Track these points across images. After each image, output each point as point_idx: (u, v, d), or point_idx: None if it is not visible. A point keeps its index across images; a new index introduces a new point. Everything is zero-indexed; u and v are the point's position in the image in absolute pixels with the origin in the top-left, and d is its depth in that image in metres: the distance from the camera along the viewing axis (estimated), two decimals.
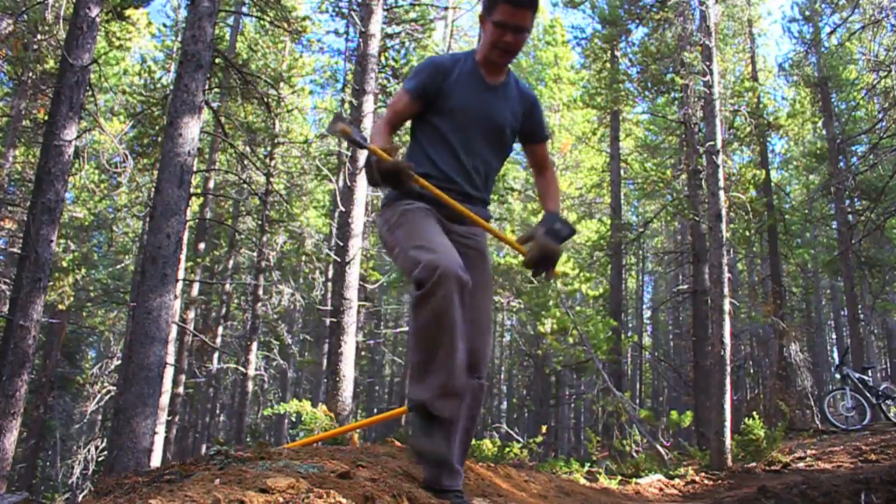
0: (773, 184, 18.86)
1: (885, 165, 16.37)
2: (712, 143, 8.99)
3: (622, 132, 18.01)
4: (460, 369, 2.28)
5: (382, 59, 15.47)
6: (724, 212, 8.95)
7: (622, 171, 17.23)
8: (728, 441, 7.89)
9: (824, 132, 18.86)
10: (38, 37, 10.81)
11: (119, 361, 17.15)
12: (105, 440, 17.03)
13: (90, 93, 8.90)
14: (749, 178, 14.12)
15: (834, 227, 21.36)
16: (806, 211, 23.46)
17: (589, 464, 8.20)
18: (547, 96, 24.12)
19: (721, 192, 8.87)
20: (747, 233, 14.95)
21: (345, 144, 16.91)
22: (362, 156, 10.62)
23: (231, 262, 21.54)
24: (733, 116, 14.65)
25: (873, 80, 14.09)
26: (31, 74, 13.11)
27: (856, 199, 18.19)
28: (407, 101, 2.63)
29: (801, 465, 7.32)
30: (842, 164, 17.99)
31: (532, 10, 2.52)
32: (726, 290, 8.33)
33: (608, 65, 16.13)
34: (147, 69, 16.19)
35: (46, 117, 8.53)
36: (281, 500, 1.29)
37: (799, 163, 25.43)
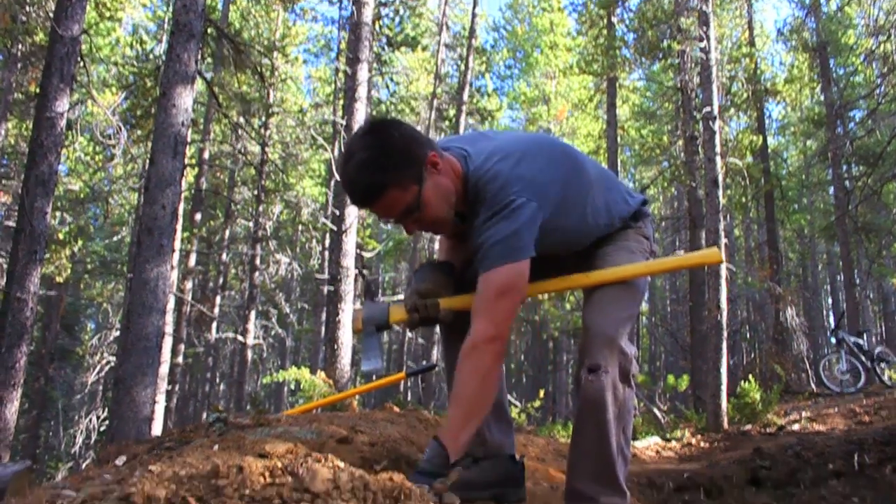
0: (770, 149, 18.81)
1: (882, 131, 16.31)
2: (709, 109, 8.96)
3: (619, 99, 17.89)
4: None
5: (377, 27, 15.33)
6: (720, 178, 8.95)
7: (619, 138, 17.14)
8: (724, 404, 7.97)
9: (822, 98, 18.78)
10: (27, 8, 10.67)
11: (118, 332, 17.22)
12: (106, 410, 17.14)
13: (81, 64, 8.81)
14: (746, 144, 14.08)
15: (831, 192, 21.38)
16: (803, 176, 23.45)
17: None
18: (543, 63, 23.97)
19: (718, 158, 8.86)
20: (744, 198, 14.96)
21: (339, 114, 16.81)
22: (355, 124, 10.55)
23: (227, 232, 21.52)
24: (730, 82, 14.57)
25: (872, 45, 13.96)
26: (20, 47, 12.96)
27: (853, 165, 18.16)
28: None
29: (795, 427, 7.41)
30: (839, 129, 17.93)
31: (371, 202, 2.00)
32: (723, 256, 8.35)
33: (605, 31, 15.97)
34: (139, 40, 16.02)
35: (38, 90, 8.45)
36: (279, 465, 1.31)
37: (796, 128, 25.36)
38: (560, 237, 2.20)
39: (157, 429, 12.15)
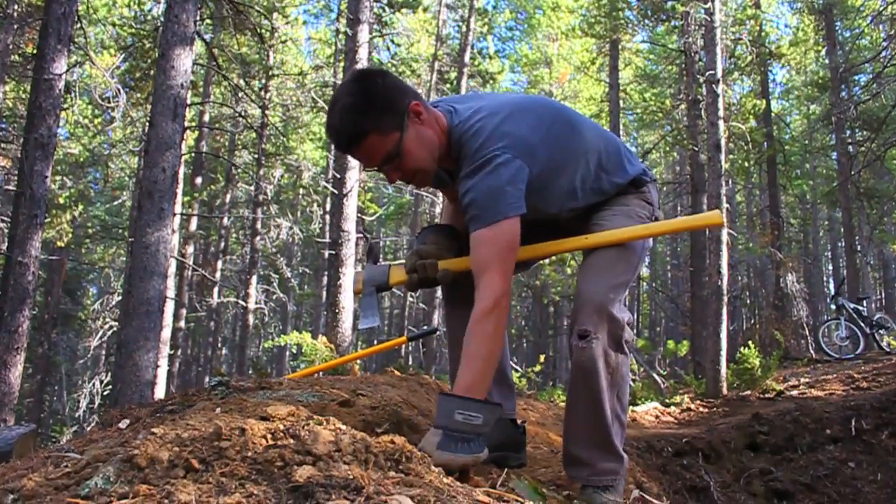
0: (773, 114, 18.68)
1: (887, 95, 16.17)
2: (712, 72, 8.88)
3: (621, 61, 17.72)
4: None
5: None
6: (723, 142, 8.90)
7: (621, 101, 17.01)
8: (724, 370, 8.01)
9: (827, 61, 18.60)
10: None
11: (120, 297, 17.28)
12: (109, 374, 17.28)
13: (79, 25, 8.71)
14: (749, 108, 13.96)
15: (834, 157, 21.25)
16: (806, 141, 23.31)
17: None
18: (545, 25, 23.69)
19: (720, 123, 8.80)
20: (746, 163, 14.88)
21: (340, 77, 16.68)
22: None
23: (228, 196, 21.50)
24: (734, 45, 14.39)
25: (879, 7, 13.80)
26: (16, 7, 12.80)
27: (857, 130, 18.04)
28: None
29: (794, 392, 7.45)
30: (844, 93, 17.77)
31: (353, 146, 2.04)
32: (724, 220, 8.33)
33: None
34: (137, 1, 15.81)
35: (35, 51, 8.36)
36: (281, 427, 1.31)
37: (800, 92, 25.15)
38: (547, 199, 2.20)
39: (159, 393, 12.25)
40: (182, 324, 18.25)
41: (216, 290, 20.63)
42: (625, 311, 2.11)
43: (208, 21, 13.90)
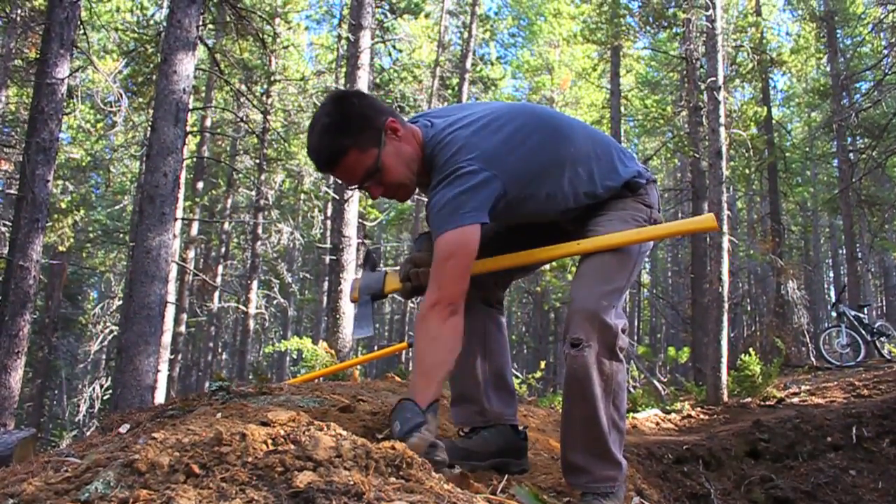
0: (774, 121, 18.67)
1: (888, 102, 16.19)
2: (714, 79, 8.89)
3: (623, 68, 17.74)
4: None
5: None
6: (724, 149, 8.89)
7: (622, 108, 17.02)
8: (724, 377, 7.99)
9: (828, 68, 18.63)
10: None
11: (121, 301, 17.27)
12: (109, 379, 17.26)
13: (82, 30, 8.73)
14: (750, 115, 13.98)
15: (835, 164, 21.26)
16: (807, 149, 23.32)
17: None
18: (546, 31, 23.73)
19: (722, 129, 8.80)
20: (747, 170, 14.88)
21: (342, 82, 16.69)
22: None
23: (230, 201, 21.52)
24: (735, 52, 14.41)
25: (880, 15, 13.80)
26: (19, 12, 12.84)
27: (858, 137, 18.05)
28: None
29: (795, 400, 7.44)
30: (845, 101, 17.78)
31: (333, 165, 2.08)
32: (725, 228, 8.34)
33: None
34: (139, 5, 15.86)
35: (38, 55, 8.38)
36: (282, 432, 1.31)
37: (801, 100, 25.18)
38: (535, 206, 2.19)
39: (160, 397, 12.24)
40: (183, 328, 18.26)
41: (217, 294, 20.62)
42: (620, 318, 2.10)
43: (210, 26, 13.92)
